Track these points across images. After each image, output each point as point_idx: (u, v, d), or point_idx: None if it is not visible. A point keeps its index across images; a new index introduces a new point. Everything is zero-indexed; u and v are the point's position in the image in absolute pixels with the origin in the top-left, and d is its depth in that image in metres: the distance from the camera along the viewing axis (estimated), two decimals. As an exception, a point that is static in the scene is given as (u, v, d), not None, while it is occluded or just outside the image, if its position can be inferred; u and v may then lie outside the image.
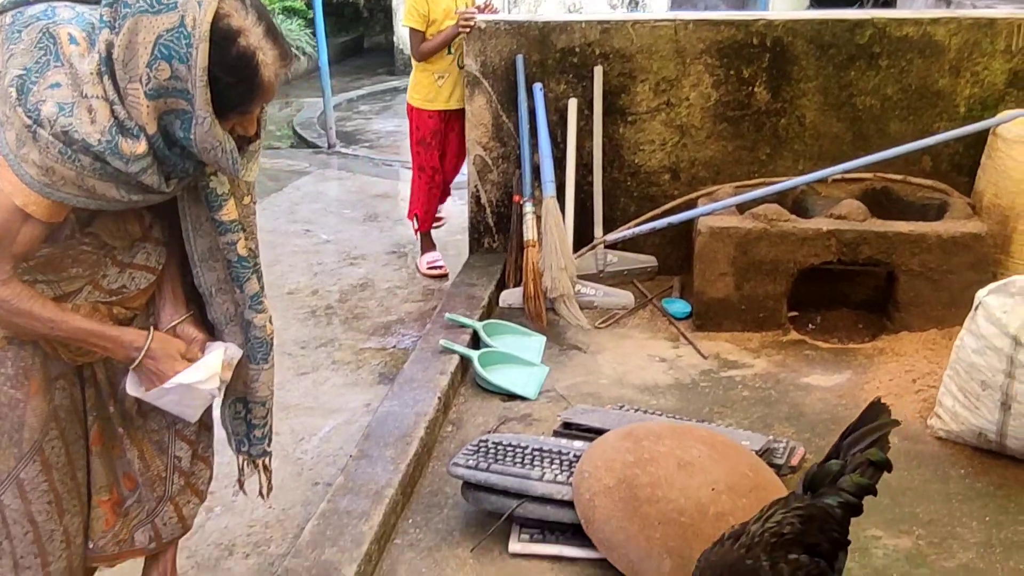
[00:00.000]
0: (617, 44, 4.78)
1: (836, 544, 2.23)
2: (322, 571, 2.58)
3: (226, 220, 2.22)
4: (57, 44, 1.83)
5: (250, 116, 2.04)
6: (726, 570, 2.12)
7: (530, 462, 2.94)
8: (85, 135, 1.80)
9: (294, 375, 4.23)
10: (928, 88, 4.67)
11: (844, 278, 4.40)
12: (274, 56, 1.92)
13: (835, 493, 2.25)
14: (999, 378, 3.09)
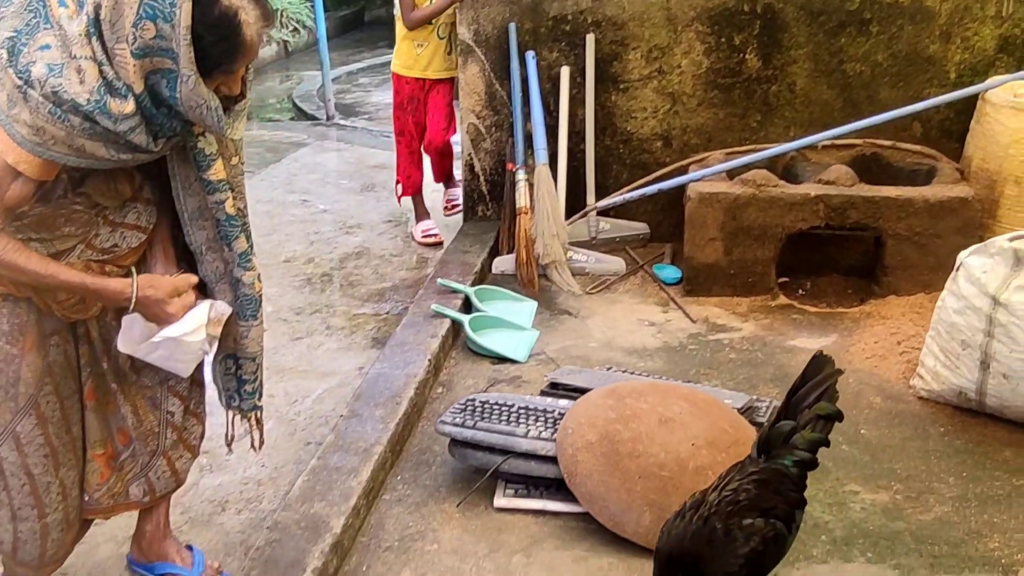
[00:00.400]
0: (609, 12, 4.80)
1: (793, 503, 2.30)
2: (311, 524, 2.64)
3: (214, 180, 2.27)
4: (47, 6, 1.89)
5: (234, 75, 2.08)
6: (686, 541, 2.17)
7: (516, 420, 3.00)
8: (74, 95, 1.86)
9: (289, 340, 4.28)
10: (918, 54, 4.70)
11: (834, 244, 4.45)
12: (256, 15, 1.97)
13: (789, 453, 2.32)
14: (978, 337, 3.15)
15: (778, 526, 2.20)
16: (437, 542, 2.75)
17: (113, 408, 2.45)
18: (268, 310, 4.45)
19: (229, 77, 2.08)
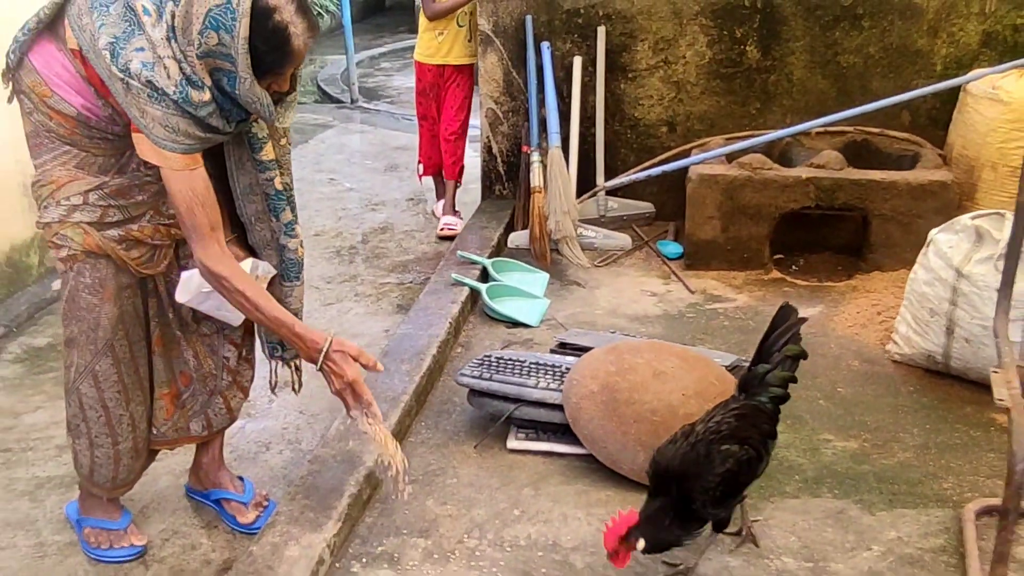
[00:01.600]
0: (619, 6, 4.91)
1: (766, 434, 2.51)
2: (346, 458, 2.85)
3: (265, 160, 2.54)
4: (136, 15, 2.18)
5: (284, 76, 2.33)
6: (676, 461, 2.38)
7: (527, 373, 3.18)
8: (163, 86, 2.16)
9: (320, 306, 4.42)
10: (907, 47, 4.82)
11: (825, 224, 4.56)
12: (303, 28, 2.23)
13: (764, 391, 2.53)
14: (944, 306, 3.34)
15: (751, 452, 2.41)
16: (456, 477, 2.92)
17: (177, 353, 2.70)
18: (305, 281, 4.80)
19: (279, 77, 2.32)
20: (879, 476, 2.92)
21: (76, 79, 2.30)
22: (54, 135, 2.38)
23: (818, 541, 2.63)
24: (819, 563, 2.55)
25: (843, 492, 2.85)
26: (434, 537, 2.67)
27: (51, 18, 2.31)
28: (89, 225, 2.41)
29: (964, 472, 2.90)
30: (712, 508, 2.41)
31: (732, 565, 2.55)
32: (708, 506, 2.39)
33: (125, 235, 2.46)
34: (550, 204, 4.50)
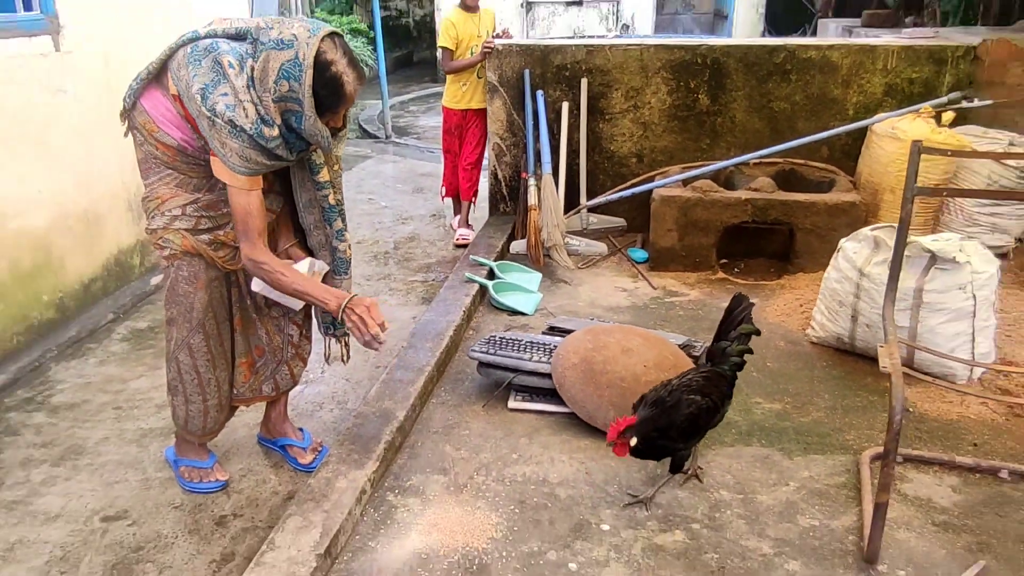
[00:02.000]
0: (598, 62, 4.93)
1: (724, 396, 2.60)
2: (383, 414, 2.91)
3: (321, 181, 2.60)
4: (223, 68, 2.27)
5: (339, 115, 2.41)
6: (655, 402, 2.48)
7: (524, 349, 3.24)
8: (242, 124, 2.24)
9: None
10: (826, 96, 4.85)
11: (760, 235, 4.54)
12: (354, 77, 2.32)
13: (726, 360, 2.64)
14: (850, 299, 3.41)
15: (711, 404, 2.51)
16: (468, 429, 2.99)
17: (253, 331, 2.77)
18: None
19: (335, 116, 2.39)
20: (797, 430, 2.97)
21: (176, 117, 2.38)
22: (159, 161, 2.46)
23: (748, 479, 2.69)
24: (748, 495, 2.61)
25: (768, 442, 2.90)
26: (451, 474, 2.72)
27: (157, 71, 2.39)
28: (186, 231, 2.48)
29: (863, 427, 2.97)
30: (678, 442, 2.50)
31: (681, 496, 2.60)
32: (676, 440, 2.49)
33: (214, 239, 2.52)
34: (543, 219, 4.51)
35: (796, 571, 2.29)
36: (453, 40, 5.12)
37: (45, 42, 3.81)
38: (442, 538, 2.42)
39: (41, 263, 3.85)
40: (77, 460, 3.00)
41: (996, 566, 2.30)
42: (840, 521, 2.49)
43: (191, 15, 4.93)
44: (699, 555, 2.35)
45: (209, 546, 2.56)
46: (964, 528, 2.46)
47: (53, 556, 2.50)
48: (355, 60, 2.35)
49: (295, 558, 2.22)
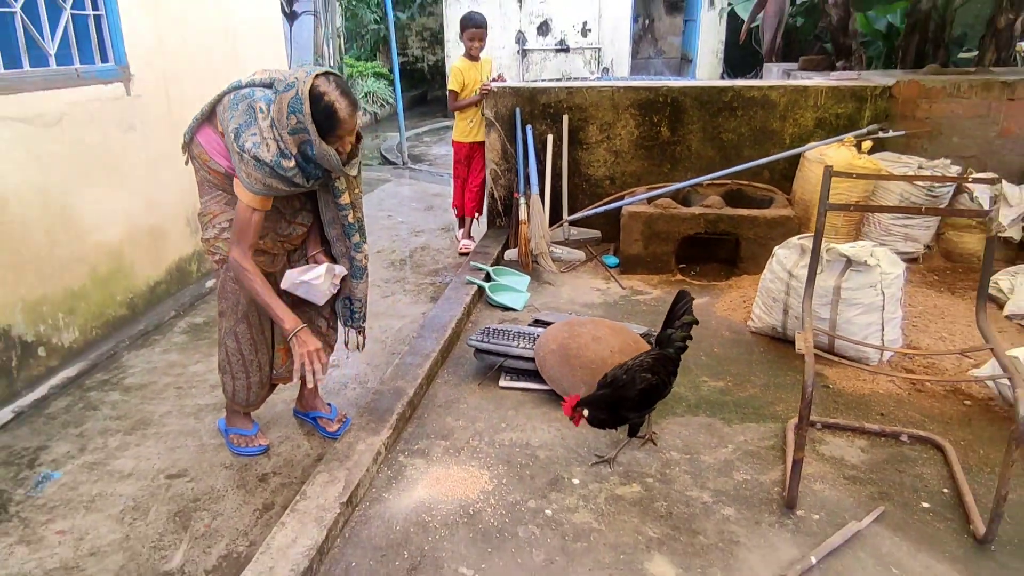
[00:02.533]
0: (577, 101, 4.97)
1: (670, 373, 2.67)
2: (396, 392, 2.98)
3: (343, 203, 2.63)
4: (255, 112, 2.35)
5: (342, 139, 2.39)
6: (613, 380, 2.56)
7: (512, 338, 3.30)
8: (264, 158, 2.32)
9: (380, 297, 4.47)
10: (767, 128, 4.90)
11: (712, 244, 4.58)
12: (346, 104, 2.32)
13: (672, 345, 2.69)
14: (782, 296, 3.48)
15: (659, 381, 2.58)
16: (466, 403, 3.06)
17: None
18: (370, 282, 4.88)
19: (339, 140, 2.39)
20: (736, 403, 3.04)
21: (224, 150, 2.46)
22: (211, 184, 2.55)
23: (694, 442, 2.77)
24: (693, 455, 2.69)
25: (712, 413, 2.97)
26: (451, 440, 2.79)
27: (208, 112, 2.48)
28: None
29: (791, 401, 3.03)
30: (631, 412, 2.59)
31: (638, 456, 2.68)
32: (630, 411, 2.57)
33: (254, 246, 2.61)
34: (532, 231, 4.55)
35: (730, 515, 2.38)
36: (459, 84, 5.15)
37: (118, 88, 3.88)
38: (443, 490, 2.50)
39: (115, 269, 3.91)
40: (145, 430, 3.07)
41: (892, 509, 2.40)
42: (768, 476, 2.57)
43: (238, 64, 5.02)
44: (652, 503, 2.44)
45: (253, 497, 2.63)
46: (869, 481, 2.55)
47: (127, 506, 2.58)
48: (347, 91, 2.36)
49: (323, 505, 2.31)
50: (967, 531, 2.29)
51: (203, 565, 2.29)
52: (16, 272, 3.24)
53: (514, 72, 12.46)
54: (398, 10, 14.71)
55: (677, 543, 2.25)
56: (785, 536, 2.28)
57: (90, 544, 2.38)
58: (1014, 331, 3.63)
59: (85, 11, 3.69)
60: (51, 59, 3.47)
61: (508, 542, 2.26)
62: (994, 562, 2.17)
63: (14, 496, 2.64)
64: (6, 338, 3.20)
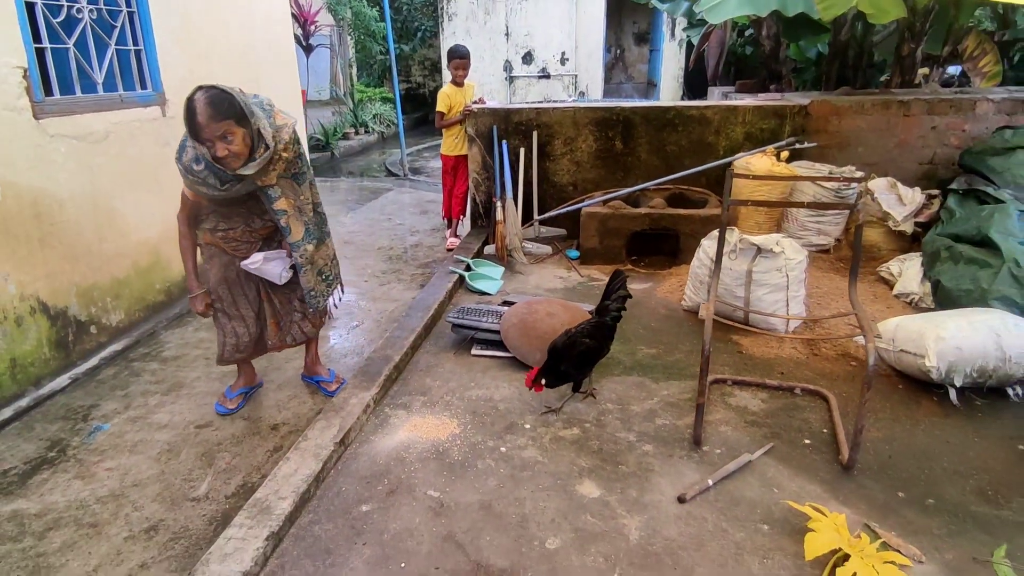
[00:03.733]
0: (544, 119, 5.09)
1: (605, 338, 2.82)
2: (384, 358, 3.13)
3: (276, 207, 2.56)
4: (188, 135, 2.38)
5: (214, 143, 2.32)
6: (559, 344, 2.72)
7: (483, 315, 3.45)
8: (182, 160, 2.43)
9: (378, 285, 4.60)
10: (703, 141, 5.03)
11: (658, 239, 4.68)
12: (203, 108, 2.28)
13: (608, 315, 2.83)
14: (706, 278, 3.65)
15: (595, 345, 2.74)
16: (443, 367, 3.21)
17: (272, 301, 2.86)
18: (371, 272, 4.92)
19: (211, 143, 2.32)
20: (664, 366, 3.21)
21: None
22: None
23: (626, 396, 2.95)
24: (624, 406, 2.86)
25: (643, 373, 3.14)
26: (428, 396, 2.96)
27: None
28: (208, 230, 2.68)
29: (711, 364, 3.02)
30: (574, 371, 2.74)
31: (580, 407, 2.86)
32: (572, 369, 2.73)
33: (225, 235, 2.67)
34: (507, 230, 4.69)
35: (649, 451, 2.59)
36: (446, 106, 5.26)
37: (156, 111, 4.02)
38: (419, 434, 2.68)
39: (154, 262, 4.04)
40: (179, 391, 3.23)
41: (780, 445, 2.61)
42: (683, 421, 2.76)
43: (259, 89, 5.20)
44: (587, 442, 2.63)
45: (266, 442, 2.80)
46: (764, 424, 2.75)
47: (163, 449, 2.76)
48: (216, 101, 2.29)
49: (320, 444, 2.51)
50: (837, 461, 2.51)
51: (224, 492, 2.49)
52: (71, 263, 3.41)
53: (502, 96, 12.64)
54: (402, 43, 14.85)
55: (604, 471, 2.46)
56: (691, 465, 2.49)
57: (133, 478, 2.58)
58: (900, 307, 3.82)
59: (127, 47, 3.87)
60: (99, 87, 3.65)
61: (469, 471, 2.46)
62: (854, 483, 2.39)
63: (71, 443, 2.84)
64: (64, 317, 3.38)
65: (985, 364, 2.80)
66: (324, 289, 2.85)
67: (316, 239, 2.74)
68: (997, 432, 2.68)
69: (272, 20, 5.39)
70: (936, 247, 3.80)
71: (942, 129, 4.87)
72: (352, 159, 10.66)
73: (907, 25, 5.47)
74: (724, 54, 7.43)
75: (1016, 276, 3.26)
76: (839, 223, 4.68)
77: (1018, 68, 7.07)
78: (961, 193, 4.17)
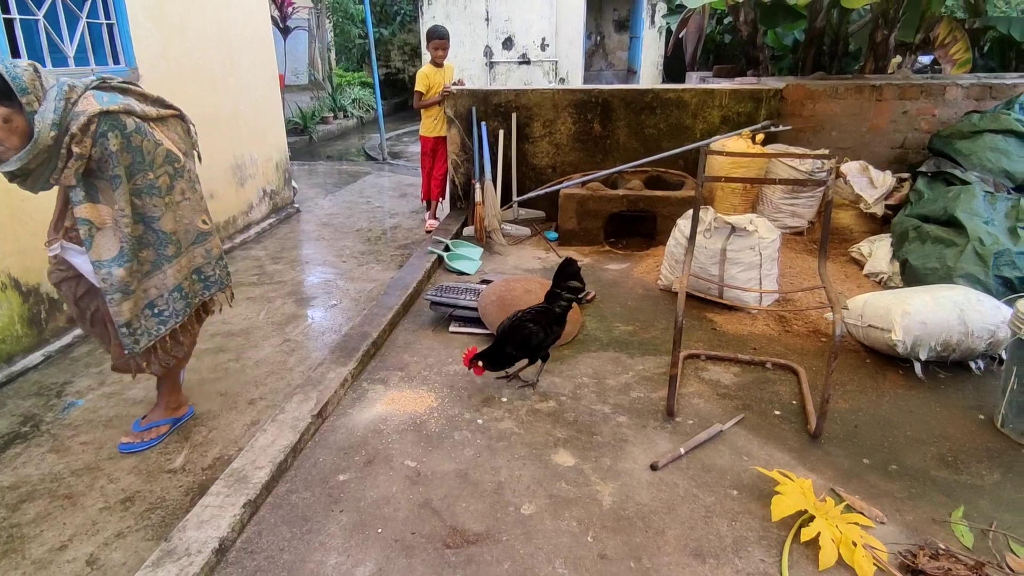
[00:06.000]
0: (524, 101, 5.11)
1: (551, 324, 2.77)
2: (362, 334, 3.14)
3: (79, 216, 2.14)
4: None
5: None
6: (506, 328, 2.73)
7: (461, 293, 3.49)
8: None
9: (357, 265, 4.62)
10: (681, 124, 5.08)
11: (634, 220, 4.73)
12: None
13: (556, 302, 2.82)
14: (681, 256, 3.70)
15: (537, 331, 2.72)
16: (421, 344, 3.23)
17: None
18: (349, 253, 4.90)
19: None
20: (640, 342, 3.26)
21: None
22: None
23: (602, 371, 2.99)
24: (600, 380, 2.91)
25: (619, 349, 3.19)
26: (406, 371, 2.98)
27: None
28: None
29: (686, 340, 3.24)
30: (518, 353, 2.73)
31: (556, 381, 2.90)
32: (516, 352, 2.73)
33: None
34: (486, 211, 4.71)
35: (623, 422, 2.64)
36: (425, 86, 5.26)
37: None
38: (397, 407, 2.71)
39: None
40: None
41: (750, 416, 2.67)
42: (658, 394, 2.81)
43: (233, 70, 5.16)
44: (562, 414, 2.67)
45: (243, 416, 2.81)
46: (736, 396, 2.82)
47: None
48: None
49: (298, 417, 2.53)
50: (805, 431, 2.58)
51: (200, 464, 2.50)
52: (43, 239, 3.35)
53: (482, 81, 12.59)
54: (382, 27, 14.71)
55: (579, 441, 2.51)
56: (664, 435, 2.55)
57: (108, 451, 2.58)
58: (870, 286, 3.91)
59: (99, 20, 3.81)
60: (70, 60, 3.60)
61: (446, 442, 2.49)
62: (821, 451, 2.46)
63: (45, 418, 2.82)
64: (36, 294, 3.34)
65: (949, 338, 2.89)
66: (149, 327, 2.28)
67: (134, 262, 2.20)
68: (958, 403, 2.77)
69: (248, -2, 5.33)
70: (905, 228, 3.89)
71: (913, 114, 4.97)
72: (331, 143, 10.58)
73: (881, 12, 5.55)
74: (702, 40, 7.48)
75: (980, 254, 3.36)
76: (812, 205, 4.77)
77: (988, 56, 7.21)
78: (930, 176, 4.27)
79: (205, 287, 2.51)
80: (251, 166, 5.47)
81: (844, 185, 4.67)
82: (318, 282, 4.36)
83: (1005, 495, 2.21)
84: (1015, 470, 2.35)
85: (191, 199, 2.38)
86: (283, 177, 6.04)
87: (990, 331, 2.87)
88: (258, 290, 4.22)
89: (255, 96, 5.48)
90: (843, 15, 6.16)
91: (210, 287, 2.52)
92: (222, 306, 2.63)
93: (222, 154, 5.03)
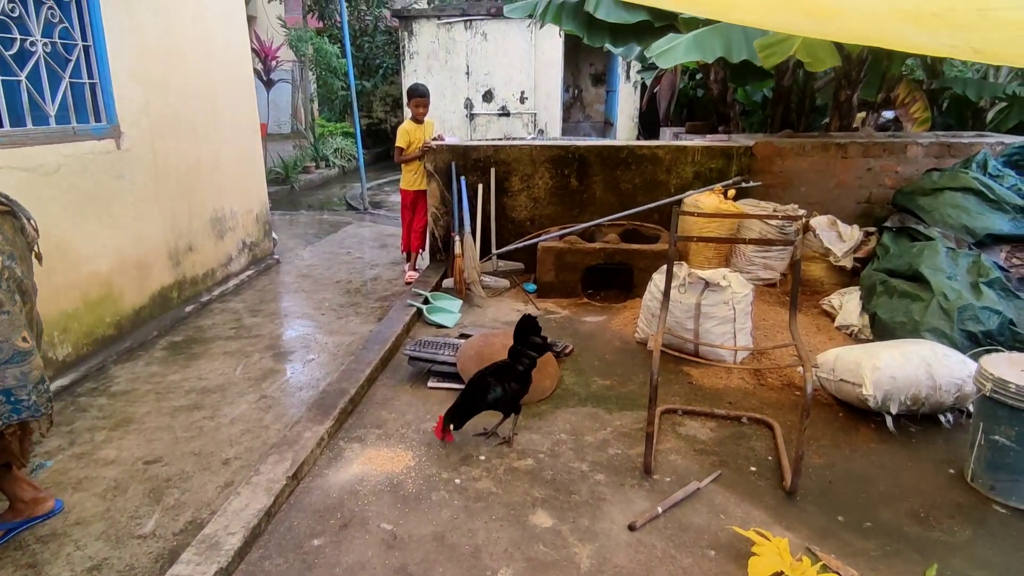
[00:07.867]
0: (502, 156, 5.22)
1: (512, 380, 2.76)
2: (339, 391, 3.14)
3: None
4: None
5: None
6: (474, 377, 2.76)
7: (440, 347, 3.51)
8: None
9: (336, 319, 4.59)
10: (655, 180, 5.20)
11: (613, 273, 4.76)
12: None
13: (518, 360, 2.81)
14: (657, 310, 3.75)
15: (496, 385, 2.73)
16: (399, 400, 3.23)
17: None
18: (328, 306, 4.88)
19: None
20: (618, 397, 3.29)
21: None
22: None
23: (580, 426, 3.00)
24: (578, 436, 2.92)
25: (597, 404, 3.21)
26: (384, 428, 2.97)
27: None
28: None
29: (663, 395, 3.27)
30: (482, 405, 2.74)
31: (534, 438, 2.90)
32: (481, 404, 2.74)
33: None
34: (465, 264, 4.75)
35: (601, 480, 2.64)
36: (406, 142, 5.35)
37: (110, 144, 4.00)
38: (374, 467, 2.69)
39: (104, 295, 3.99)
40: (127, 427, 3.16)
41: (727, 473, 2.69)
42: (635, 451, 2.82)
43: (216, 121, 5.23)
44: (540, 472, 2.67)
45: (217, 477, 2.76)
46: (713, 452, 2.84)
47: (109, 485, 2.69)
48: None
49: (272, 479, 2.50)
50: (781, 487, 2.60)
51: (172, 529, 2.44)
52: (17, 296, 3.33)
53: (463, 132, 12.85)
54: (364, 79, 14.98)
55: (557, 501, 2.50)
56: (642, 494, 2.55)
57: (76, 516, 2.51)
58: (841, 339, 4.00)
59: (82, 80, 3.86)
60: (51, 119, 3.62)
61: (423, 503, 2.47)
62: (797, 507, 2.47)
63: (11, 481, 2.74)
64: (7, 352, 3.28)
65: (918, 392, 2.95)
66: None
67: None
68: (929, 457, 2.81)
69: (231, 53, 5.43)
70: (873, 281, 4.00)
71: (877, 170, 5.16)
72: (312, 193, 10.63)
73: (844, 73, 5.81)
74: (675, 96, 7.74)
75: (945, 309, 3.46)
76: (784, 258, 4.89)
77: (946, 114, 7.55)
78: (895, 231, 4.41)
79: (14, 411, 2.13)
80: (231, 219, 5.49)
81: (814, 239, 4.80)
82: (296, 336, 4.34)
83: (977, 552, 2.24)
84: (985, 526, 2.38)
85: (10, 312, 2.07)
86: (263, 229, 6.05)
87: (957, 385, 2.94)
88: (235, 344, 4.18)
89: (237, 148, 5.53)
90: (809, 74, 6.43)
91: (20, 412, 2.14)
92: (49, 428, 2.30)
93: (202, 207, 5.05)
